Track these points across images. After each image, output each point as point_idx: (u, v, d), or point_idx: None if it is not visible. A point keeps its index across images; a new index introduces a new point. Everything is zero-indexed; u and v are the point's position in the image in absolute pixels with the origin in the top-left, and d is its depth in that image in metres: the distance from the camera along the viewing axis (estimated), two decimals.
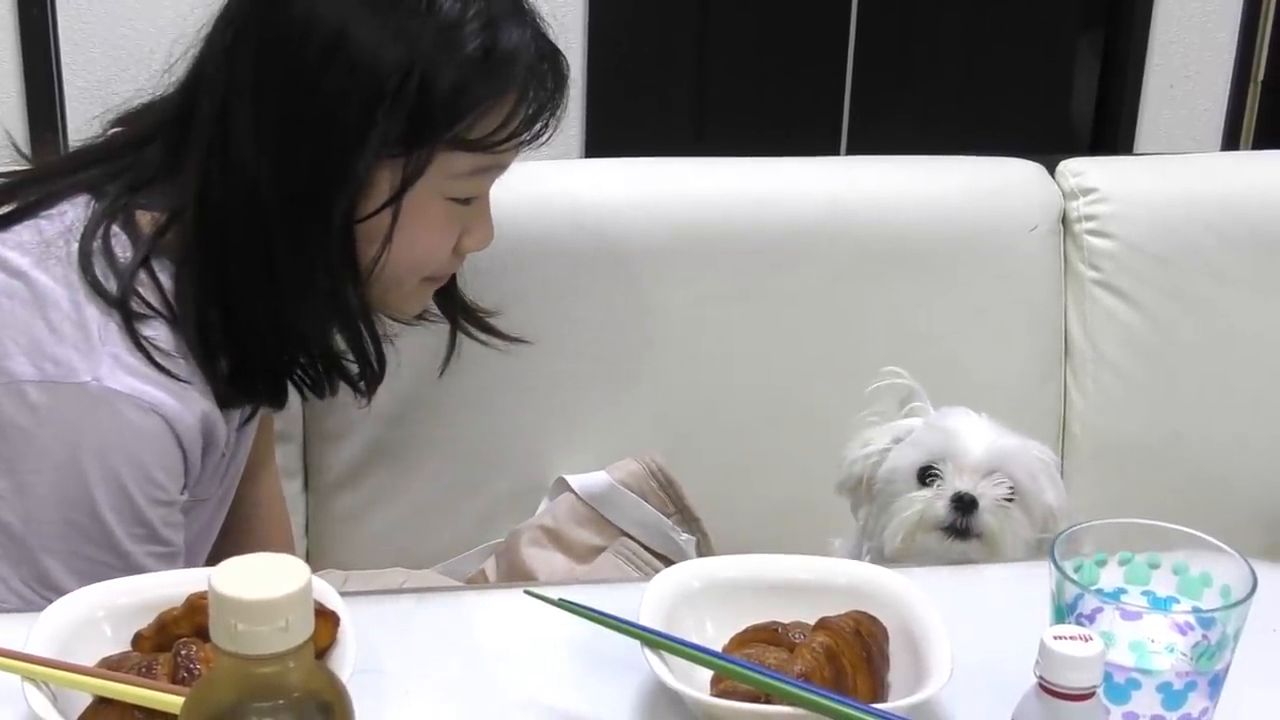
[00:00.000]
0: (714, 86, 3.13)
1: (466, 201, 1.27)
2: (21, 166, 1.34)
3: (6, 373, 1.18)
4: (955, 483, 1.38)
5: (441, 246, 1.28)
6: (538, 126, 1.26)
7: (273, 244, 1.21)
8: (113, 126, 1.34)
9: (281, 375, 1.30)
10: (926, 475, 1.41)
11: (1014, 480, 1.40)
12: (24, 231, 1.24)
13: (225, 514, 1.40)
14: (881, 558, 1.42)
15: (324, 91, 1.18)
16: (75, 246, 1.21)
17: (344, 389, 1.33)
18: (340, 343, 1.29)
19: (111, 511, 1.18)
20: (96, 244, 1.22)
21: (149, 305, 1.21)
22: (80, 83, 2.68)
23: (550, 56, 1.26)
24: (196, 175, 1.22)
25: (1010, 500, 1.39)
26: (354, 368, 1.31)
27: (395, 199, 1.21)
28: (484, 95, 1.21)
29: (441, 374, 1.45)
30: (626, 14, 2.92)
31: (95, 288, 1.19)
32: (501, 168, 1.28)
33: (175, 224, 1.23)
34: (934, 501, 1.38)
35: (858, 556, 1.46)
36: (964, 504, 1.37)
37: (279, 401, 1.32)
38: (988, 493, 1.38)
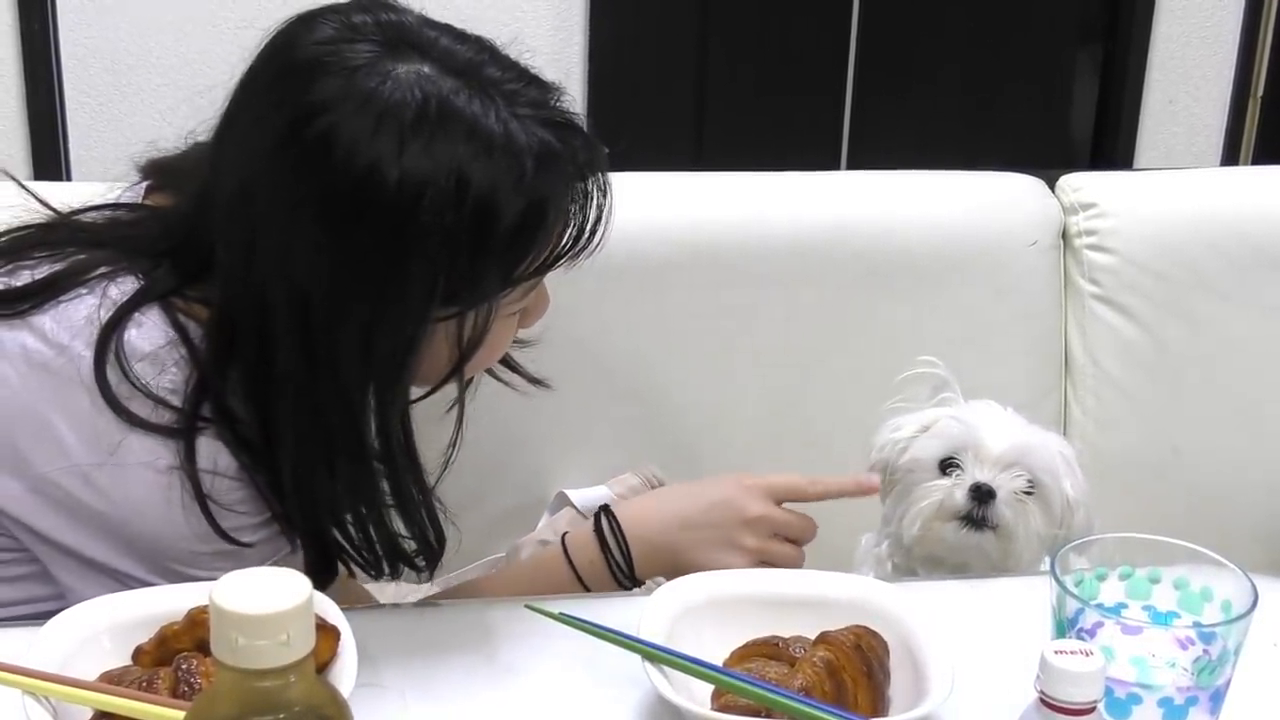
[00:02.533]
0: (714, 101, 3.14)
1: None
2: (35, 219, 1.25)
3: (65, 456, 1.12)
4: (975, 474, 1.39)
5: (502, 349, 1.21)
6: (584, 238, 1.17)
7: (329, 442, 1.12)
8: (145, 178, 1.27)
9: (332, 556, 1.20)
10: (947, 466, 1.42)
11: (1033, 474, 1.40)
12: (73, 308, 1.15)
13: None
14: (900, 546, 1.43)
15: (378, 274, 1.07)
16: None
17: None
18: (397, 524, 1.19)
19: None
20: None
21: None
22: (82, 97, 2.69)
23: (582, 150, 1.13)
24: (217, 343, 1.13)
25: (1029, 493, 1.40)
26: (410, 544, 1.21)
27: (457, 369, 1.14)
28: (543, 236, 1.11)
29: (455, 407, 1.27)
30: (626, 31, 2.93)
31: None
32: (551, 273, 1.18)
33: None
34: (953, 491, 1.39)
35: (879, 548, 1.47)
36: (982, 494, 1.38)
37: (326, 580, 1.21)
38: (1006, 485, 1.38)
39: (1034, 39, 3.13)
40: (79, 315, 1.14)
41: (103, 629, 1.05)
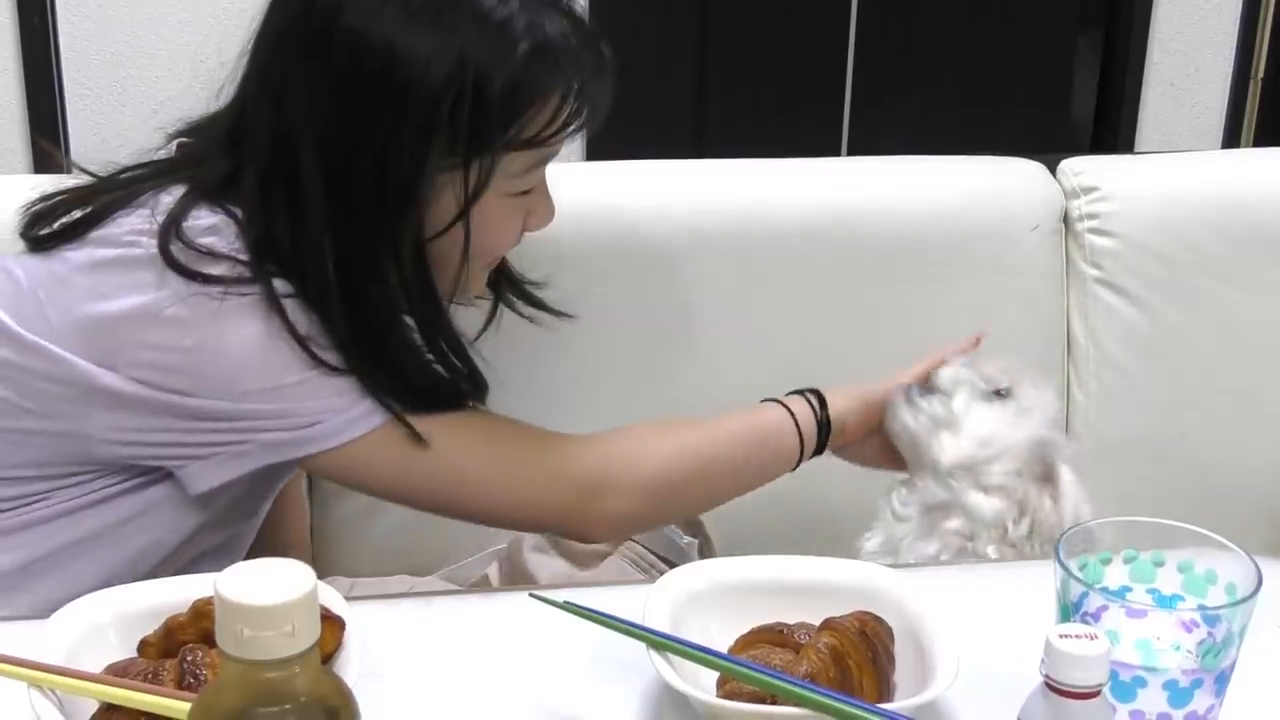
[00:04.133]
0: (715, 88, 3.14)
1: (526, 192, 1.31)
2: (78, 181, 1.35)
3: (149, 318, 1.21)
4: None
5: (509, 237, 1.34)
6: (586, 113, 1.28)
7: (351, 283, 1.24)
8: (179, 137, 1.37)
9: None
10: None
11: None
12: (129, 218, 1.27)
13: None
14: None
15: (380, 116, 1.20)
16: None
17: None
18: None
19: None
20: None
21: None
22: (82, 90, 2.69)
23: (590, 42, 1.28)
24: (260, 213, 1.24)
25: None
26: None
27: (463, 214, 1.25)
28: (535, 94, 1.23)
29: (475, 339, 1.44)
30: (628, 18, 2.93)
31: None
32: (555, 155, 1.31)
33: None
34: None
35: (892, 546, 1.47)
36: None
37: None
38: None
39: (1035, 23, 3.12)
40: (137, 220, 1.25)
41: (108, 621, 1.06)
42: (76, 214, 1.29)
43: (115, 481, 1.29)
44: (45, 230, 1.30)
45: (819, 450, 1.46)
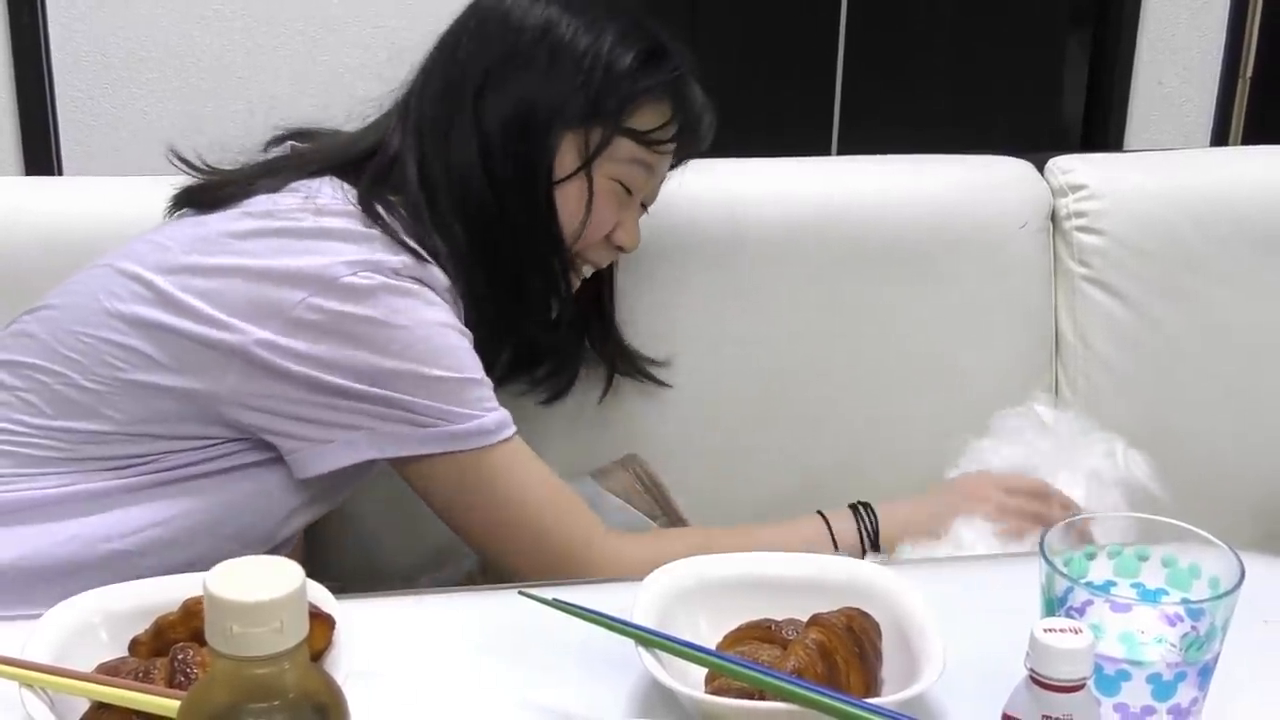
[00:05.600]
0: (704, 85, 3.13)
1: (629, 192, 1.47)
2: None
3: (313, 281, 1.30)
4: None
5: (606, 220, 1.47)
6: (685, 139, 1.49)
7: (488, 211, 1.40)
8: (280, 141, 1.52)
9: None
10: None
11: None
12: (285, 199, 1.38)
13: None
14: None
15: (532, 72, 1.41)
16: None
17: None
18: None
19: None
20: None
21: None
22: (73, 92, 2.69)
23: (710, 107, 1.51)
24: (415, 155, 1.41)
25: None
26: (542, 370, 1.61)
27: (586, 165, 1.43)
28: (650, 86, 1.44)
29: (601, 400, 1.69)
30: None
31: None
32: (653, 170, 1.49)
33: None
34: None
35: None
36: None
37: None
38: None
39: (1024, 22, 3.13)
40: (294, 199, 1.37)
41: (99, 621, 1.06)
42: (229, 191, 1.41)
43: (232, 451, 1.34)
44: (197, 204, 1.42)
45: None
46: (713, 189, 1.76)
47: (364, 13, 2.68)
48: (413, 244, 1.35)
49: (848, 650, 1.04)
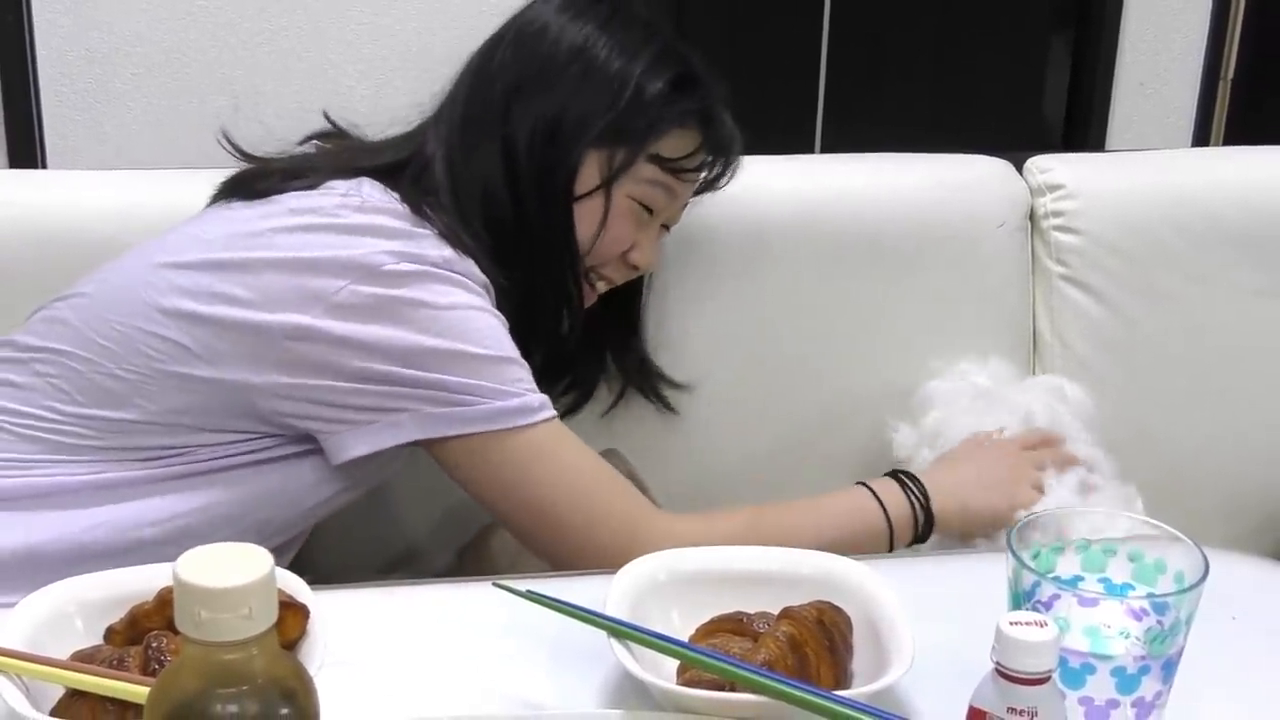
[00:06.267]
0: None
1: (649, 212, 1.49)
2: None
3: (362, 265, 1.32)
4: None
5: (622, 238, 1.49)
6: (710, 167, 1.53)
7: (508, 219, 1.43)
8: (314, 139, 1.56)
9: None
10: None
11: None
12: (323, 199, 1.39)
13: None
14: None
15: (563, 88, 1.44)
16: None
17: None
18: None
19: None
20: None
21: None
22: (57, 89, 2.68)
23: (738, 140, 1.54)
24: (445, 161, 1.44)
25: None
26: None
27: (606, 184, 1.45)
28: (678, 113, 1.47)
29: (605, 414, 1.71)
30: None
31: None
32: (675, 193, 1.51)
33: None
34: None
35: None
36: None
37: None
38: None
39: (1007, 23, 3.13)
40: (329, 198, 1.38)
41: (74, 610, 1.06)
42: (269, 183, 1.42)
43: (263, 446, 1.35)
44: (241, 194, 1.43)
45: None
46: None
47: (349, 7, 2.68)
48: (465, 239, 1.38)
49: (818, 643, 1.05)
